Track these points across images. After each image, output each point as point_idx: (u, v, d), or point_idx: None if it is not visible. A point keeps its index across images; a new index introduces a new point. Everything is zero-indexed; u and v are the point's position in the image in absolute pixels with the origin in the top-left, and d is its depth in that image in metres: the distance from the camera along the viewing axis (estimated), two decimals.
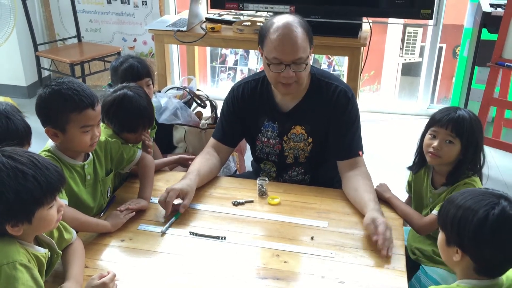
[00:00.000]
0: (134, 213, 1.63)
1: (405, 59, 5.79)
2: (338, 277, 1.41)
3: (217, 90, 4.51)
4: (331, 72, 3.51)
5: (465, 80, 3.38)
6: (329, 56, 4.92)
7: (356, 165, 1.84)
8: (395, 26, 4.05)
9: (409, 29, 6.00)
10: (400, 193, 1.88)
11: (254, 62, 5.24)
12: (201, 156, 1.92)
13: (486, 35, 2.95)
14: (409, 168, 1.85)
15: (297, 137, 1.92)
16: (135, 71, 2.16)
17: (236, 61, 5.07)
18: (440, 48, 5.41)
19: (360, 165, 1.85)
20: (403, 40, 4.52)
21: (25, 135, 1.58)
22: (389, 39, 4.40)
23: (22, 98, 4.14)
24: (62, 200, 1.38)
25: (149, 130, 2.00)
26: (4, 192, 1.10)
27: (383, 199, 1.76)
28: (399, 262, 1.47)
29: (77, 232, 1.49)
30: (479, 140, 1.68)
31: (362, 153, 1.88)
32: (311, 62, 1.83)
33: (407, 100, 4.22)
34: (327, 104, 1.86)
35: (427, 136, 1.71)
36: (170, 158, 2.12)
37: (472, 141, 1.65)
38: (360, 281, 1.40)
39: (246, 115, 1.95)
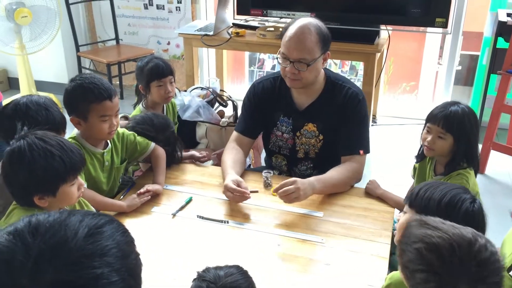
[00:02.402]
0: (149, 197, 1.83)
1: None
2: (325, 260, 1.56)
3: None
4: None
5: (482, 87, 3.44)
6: None
7: (352, 160, 1.97)
8: (433, 34, 4.07)
9: (448, 37, 5.96)
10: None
11: None
12: (227, 152, 2.06)
13: (502, 43, 3.01)
14: (415, 157, 2.00)
15: (309, 133, 2.07)
16: (160, 70, 2.36)
17: (274, 65, 5.22)
18: (478, 56, 5.37)
19: (354, 161, 1.97)
20: (442, 47, 4.53)
21: (61, 125, 1.78)
22: (427, 47, 4.39)
23: None
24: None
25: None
26: (35, 168, 1.31)
27: (376, 195, 1.89)
28: (383, 249, 1.61)
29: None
30: (471, 135, 1.79)
31: (365, 152, 2.00)
32: (320, 66, 1.96)
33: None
34: (339, 104, 2.00)
35: (424, 130, 1.87)
36: (184, 154, 2.28)
37: (463, 135, 1.78)
38: (345, 264, 1.55)
39: (265, 109, 2.10)
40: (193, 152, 2.16)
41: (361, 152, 1.99)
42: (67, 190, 1.38)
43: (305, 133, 2.07)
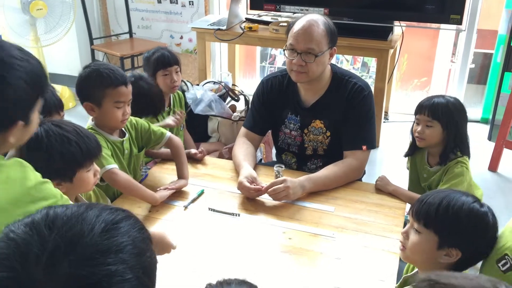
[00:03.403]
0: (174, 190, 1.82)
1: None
2: (335, 254, 1.57)
3: None
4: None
5: (496, 85, 3.41)
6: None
7: (353, 156, 1.96)
8: (447, 31, 4.03)
9: (462, 34, 5.91)
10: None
11: None
12: (238, 147, 2.08)
13: None
14: (405, 155, 2.11)
15: (317, 130, 2.07)
16: (166, 59, 2.40)
17: (285, 61, 5.21)
18: (491, 54, 5.32)
19: (354, 157, 1.96)
20: (455, 45, 4.50)
21: (53, 106, 1.78)
22: (441, 44, 4.36)
23: None
24: (112, 165, 1.62)
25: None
26: (52, 154, 1.34)
27: (387, 192, 1.89)
28: (394, 245, 1.60)
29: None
30: (459, 121, 1.89)
31: (368, 148, 1.99)
32: (327, 61, 1.96)
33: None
34: (345, 99, 1.99)
35: (414, 123, 1.99)
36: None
37: (451, 122, 1.88)
38: (356, 258, 1.55)
39: (273, 106, 2.11)
40: (189, 150, 2.15)
41: (364, 147, 1.97)
42: (84, 175, 1.40)
43: (312, 130, 2.07)
